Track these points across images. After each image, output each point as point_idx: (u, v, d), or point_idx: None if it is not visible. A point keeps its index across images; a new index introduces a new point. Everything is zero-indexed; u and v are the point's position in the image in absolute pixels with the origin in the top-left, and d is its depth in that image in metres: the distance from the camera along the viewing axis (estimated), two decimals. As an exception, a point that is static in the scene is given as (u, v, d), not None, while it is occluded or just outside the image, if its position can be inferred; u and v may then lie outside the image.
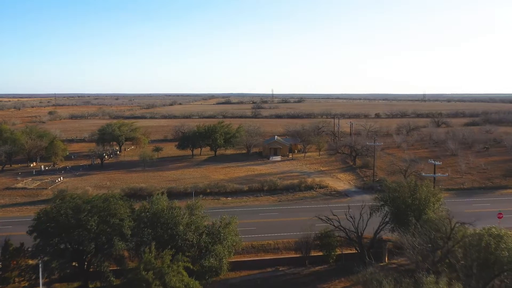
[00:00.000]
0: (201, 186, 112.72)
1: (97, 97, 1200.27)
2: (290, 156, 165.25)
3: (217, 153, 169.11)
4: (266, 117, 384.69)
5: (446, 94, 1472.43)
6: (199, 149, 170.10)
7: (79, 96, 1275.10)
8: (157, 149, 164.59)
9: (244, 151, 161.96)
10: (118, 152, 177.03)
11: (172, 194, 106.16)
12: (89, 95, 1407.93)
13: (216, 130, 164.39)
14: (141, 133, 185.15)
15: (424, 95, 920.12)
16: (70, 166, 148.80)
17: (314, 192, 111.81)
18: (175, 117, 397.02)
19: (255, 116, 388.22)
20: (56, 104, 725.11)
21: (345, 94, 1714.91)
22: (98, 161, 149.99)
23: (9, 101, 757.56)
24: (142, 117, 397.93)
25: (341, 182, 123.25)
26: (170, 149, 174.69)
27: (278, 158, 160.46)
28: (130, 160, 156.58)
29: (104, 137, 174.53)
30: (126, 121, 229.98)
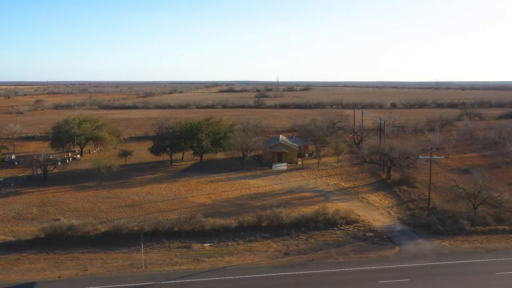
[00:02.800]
0: (164, 223, 73.34)
1: (97, 85, 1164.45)
2: (300, 162, 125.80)
3: (203, 158, 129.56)
4: (270, 107, 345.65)
5: (454, 82, 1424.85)
6: (182, 152, 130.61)
7: (80, 84, 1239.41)
8: (125, 154, 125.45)
9: (239, 155, 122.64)
10: (77, 156, 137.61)
11: (118, 237, 68.43)
12: (90, 83, 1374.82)
13: (202, 129, 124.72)
14: (108, 131, 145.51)
15: (437, 83, 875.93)
16: (2, 178, 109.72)
17: (338, 232, 72.47)
18: (169, 107, 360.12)
19: (258, 106, 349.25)
20: (50, 92, 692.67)
21: (352, 81, 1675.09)
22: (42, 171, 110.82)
23: (5, 88, 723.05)
24: (134, 107, 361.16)
25: (377, 211, 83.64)
26: (147, 152, 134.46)
27: (284, 166, 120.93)
28: (86, 170, 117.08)
29: (60, 136, 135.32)
30: (94, 115, 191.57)
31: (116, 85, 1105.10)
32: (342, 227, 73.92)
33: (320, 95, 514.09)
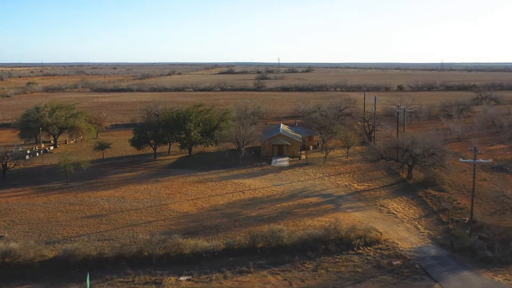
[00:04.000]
0: (131, 247, 56.75)
1: (95, 66, 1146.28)
2: (303, 157, 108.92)
3: (193, 151, 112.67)
4: (271, 89, 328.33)
5: (457, 63, 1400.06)
6: (168, 145, 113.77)
7: (78, 66, 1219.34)
8: (102, 146, 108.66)
9: (233, 147, 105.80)
10: (49, 148, 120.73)
11: (70, 266, 52.47)
12: (89, 64, 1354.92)
13: (190, 118, 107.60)
14: (86, 119, 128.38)
15: (442, 64, 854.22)
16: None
17: (355, 258, 55.93)
18: (165, 89, 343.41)
19: (258, 89, 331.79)
20: (46, 74, 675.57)
21: (354, 63, 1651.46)
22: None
23: (0, 70, 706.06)
24: (128, 89, 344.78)
25: (402, 225, 66.90)
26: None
27: (285, 161, 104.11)
28: (55, 167, 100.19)
29: (29, 125, 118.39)
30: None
31: (115, 66, 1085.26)
32: (360, 250, 57.35)
33: (323, 77, 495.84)
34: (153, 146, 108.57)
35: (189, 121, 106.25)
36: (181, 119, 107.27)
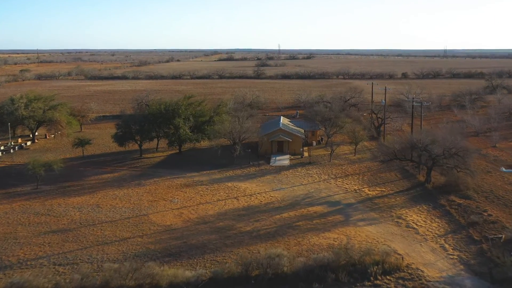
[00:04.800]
0: (94, 278, 45.83)
1: (93, 53, 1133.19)
2: (306, 154, 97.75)
3: (184, 147, 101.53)
4: (271, 77, 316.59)
5: (458, 49, 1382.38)
6: (157, 140, 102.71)
7: (77, 52, 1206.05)
8: (82, 143, 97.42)
9: (228, 142, 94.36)
10: (25, 144, 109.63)
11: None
12: (87, 51, 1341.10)
13: (179, 112, 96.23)
14: (68, 111, 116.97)
15: (445, 51, 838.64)
16: None
17: (373, 292, 44.86)
18: (162, 77, 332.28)
19: (257, 77, 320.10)
20: (43, 61, 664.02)
21: (355, 49, 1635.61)
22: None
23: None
24: (123, 77, 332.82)
25: (425, 244, 55.79)
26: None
27: (285, 160, 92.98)
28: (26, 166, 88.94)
29: (3, 118, 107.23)
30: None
31: (113, 53, 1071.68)
32: (378, 281, 46.44)
33: (324, 64, 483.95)
34: (139, 143, 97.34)
35: (178, 116, 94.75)
36: (169, 113, 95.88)
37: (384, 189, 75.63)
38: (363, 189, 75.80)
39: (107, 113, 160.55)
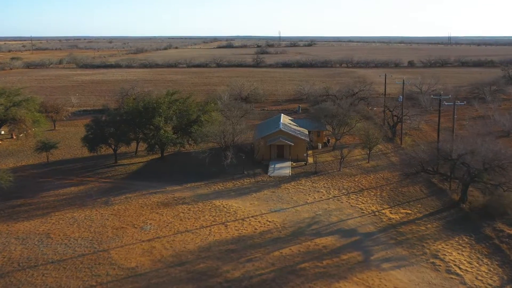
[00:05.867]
0: None
1: (91, 40, 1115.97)
2: (311, 160, 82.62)
3: (167, 151, 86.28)
4: (271, 65, 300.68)
5: (460, 36, 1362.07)
6: (136, 143, 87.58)
7: (75, 39, 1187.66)
8: (45, 147, 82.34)
9: (220, 145, 79.14)
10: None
11: None
12: (85, 38, 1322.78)
13: (160, 111, 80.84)
14: (36, 108, 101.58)
15: (449, 38, 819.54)
16: None
17: None
18: (157, 65, 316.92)
19: (257, 65, 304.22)
20: (38, 48, 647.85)
21: (356, 36, 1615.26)
22: None
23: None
24: (116, 65, 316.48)
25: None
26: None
27: (287, 168, 77.93)
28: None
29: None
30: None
31: (110, 40, 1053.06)
32: None
33: (326, 52, 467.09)
34: (113, 147, 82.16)
35: (159, 115, 79.44)
36: (149, 112, 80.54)
37: (410, 211, 60.51)
38: (383, 211, 60.70)
39: (89, 106, 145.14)
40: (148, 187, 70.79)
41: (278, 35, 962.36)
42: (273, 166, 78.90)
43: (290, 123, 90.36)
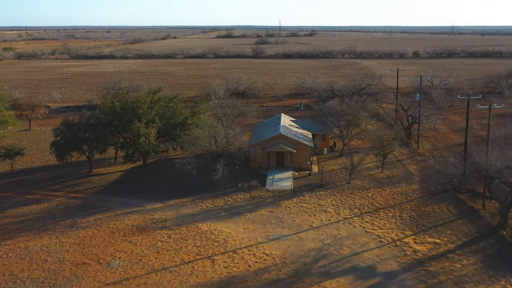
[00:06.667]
0: None
1: (88, 30, 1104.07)
2: (315, 169, 71.44)
3: (150, 159, 75.05)
4: (270, 56, 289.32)
5: (461, 26, 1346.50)
6: (115, 149, 76.31)
7: (73, 29, 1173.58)
8: (9, 154, 71.14)
9: (209, 149, 67.92)
10: None
11: None
12: (84, 28, 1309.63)
13: (140, 112, 69.49)
14: (6, 106, 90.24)
15: (452, 28, 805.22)
16: None
17: None
18: (153, 56, 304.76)
19: (256, 55, 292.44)
20: (34, 38, 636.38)
21: (357, 26, 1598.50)
22: None
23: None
24: (110, 56, 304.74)
25: None
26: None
27: (288, 180, 66.81)
28: None
29: None
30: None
31: (108, 30, 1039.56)
32: None
33: (327, 42, 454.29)
34: (87, 154, 70.97)
35: (138, 119, 68.17)
36: (128, 113, 69.25)
37: (439, 240, 49.40)
38: (406, 240, 49.60)
39: (74, 102, 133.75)
40: (123, 205, 59.72)
41: (278, 25, 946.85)
42: (271, 177, 67.76)
43: (291, 125, 79.13)
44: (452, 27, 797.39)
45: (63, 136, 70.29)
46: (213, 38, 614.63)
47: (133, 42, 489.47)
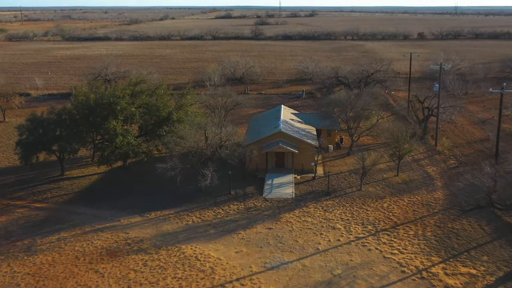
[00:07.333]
0: None
1: (86, 10, 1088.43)
2: (320, 171, 62.12)
3: (132, 160, 65.55)
4: (270, 38, 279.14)
5: (462, 6, 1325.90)
6: (92, 149, 66.74)
7: (71, 10, 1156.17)
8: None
9: (201, 145, 58.75)
10: None
11: None
12: (81, 8, 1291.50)
13: (118, 108, 59.88)
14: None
15: (456, 8, 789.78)
16: None
17: None
18: (148, 38, 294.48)
19: (255, 37, 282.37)
20: (30, 19, 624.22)
21: (358, 6, 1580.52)
22: None
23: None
24: (105, 38, 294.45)
25: None
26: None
27: (289, 186, 57.50)
28: None
29: None
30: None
31: (106, 10, 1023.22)
32: None
33: (329, 23, 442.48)
34: (58, 155, 61.58)
35: (114, 117, 58.63)
36: (103, 109, 59.66)
37: (475, 271, 40.21)
38: (433, 269, 40.42)
39: (57, 89, 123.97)
40: (95, 219, 50.52)
41: (278, 5, 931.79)
42: (270, 182, 58.47)
43: (293, 119, 69.66)
44: (456, 7, 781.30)
45: (29, 134, 60.68)
46: (212, 18, 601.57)
47: (130, 23, 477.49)
